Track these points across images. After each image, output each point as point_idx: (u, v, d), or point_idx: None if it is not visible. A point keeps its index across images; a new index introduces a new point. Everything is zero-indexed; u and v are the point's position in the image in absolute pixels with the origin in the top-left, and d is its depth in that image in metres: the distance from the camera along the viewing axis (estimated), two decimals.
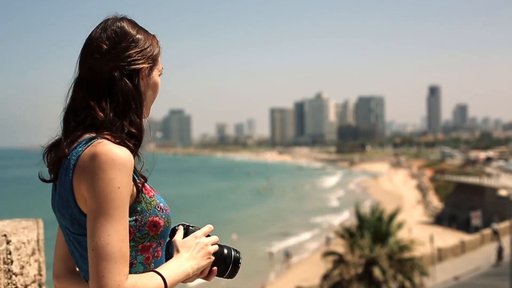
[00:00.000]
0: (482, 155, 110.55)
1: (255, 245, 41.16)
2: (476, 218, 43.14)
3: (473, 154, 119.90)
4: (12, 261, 2.20)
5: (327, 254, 22.60)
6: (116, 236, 1.22)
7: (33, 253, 2.38)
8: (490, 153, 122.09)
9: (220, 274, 1.50)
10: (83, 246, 1.31)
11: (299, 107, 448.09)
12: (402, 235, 25.58)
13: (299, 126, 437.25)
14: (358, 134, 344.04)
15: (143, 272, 1.36)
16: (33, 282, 2.37)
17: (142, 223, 1.34)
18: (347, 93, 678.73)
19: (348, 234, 22.29)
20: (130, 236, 1.31)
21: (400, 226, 22.95)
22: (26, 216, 2.59)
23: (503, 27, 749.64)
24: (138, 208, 1.34)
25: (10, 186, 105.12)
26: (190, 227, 1.50)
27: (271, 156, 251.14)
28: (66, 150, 1.34)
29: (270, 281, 32.97)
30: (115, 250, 1.21)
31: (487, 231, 37.61)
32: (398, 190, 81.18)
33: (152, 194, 1.39)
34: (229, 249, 1.51)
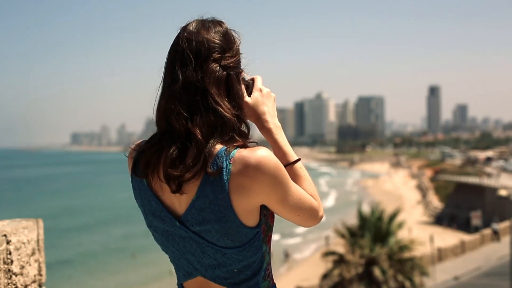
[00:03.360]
0: (482, 155, 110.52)
1: None
2: (476, 218, 43.14)
3: (473, 154, 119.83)
4: (12, 261, 2.20)
5: (327, 254, 22.58)
6: (303, 192, 1.44)
7: (33, 253, 2.37)
8: (490, 153, 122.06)
9: None
10: (229, 256, 1.37)
11: (299, 107, 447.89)
12: (402, 235, 25.58)
13: (299, 126, 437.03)
14: (358, 134, 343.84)
15: (269, 261, 1.46)
16: (33, 282, 2.37)
17: (267, 216, 1.42)
18: (347, 93, 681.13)
19: (349, 234, 22.29)
20: (263, 234, 1.41)
21: (400, 226, 22.95)
22: (26, 216, 2.58)
23: (503, 27, 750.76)
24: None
25: (10, 186, 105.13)
26: (247, 80, 1.56)
27: None
28: (210, 167, 1.31)
29: None
30: (307, 197, 1.44)
31: (487, 231, 37.60)
32: (398, 190, 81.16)
33: None
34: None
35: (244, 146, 1.36)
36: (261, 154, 1.32)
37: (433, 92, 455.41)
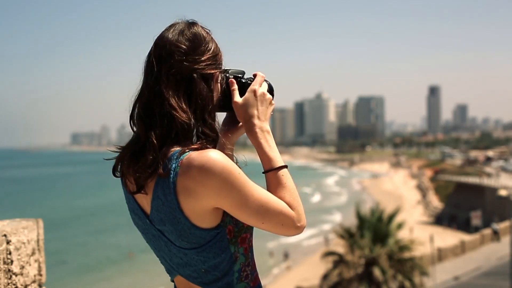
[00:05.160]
0: (482, 155, 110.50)
1: (254, 245, 40.99)
2: (476, 218, 43.16)
3: (473, 154, 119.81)
4: (12, 261, 2.20)
5: (327, 254, 22.58)
6: (269, 199, 1.37)
7: (33, 253, 2.37)
8: (490, 153, 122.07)
9: None
10: (189, 256, 1.38)
11: (299, 107, 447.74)
12: (403, 235, 25.56)
13: (299, 126, 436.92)
14: (358, 134, 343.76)
15: (245, 262, 1.44)
16: (33, 282, 2.37)
17: None
18: (347, 93, 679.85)
19: (348, 234, 22.27)
20: (230, 235, 1.39)
21: (400, 226, 22.94)
22: (26, 216, 2.59)
23: (503, 27, 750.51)
24: None
25: (10, 186, 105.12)
26: (243, 80, 1.54)
27: None
28: (161, 169, 1.33)
29: (270, 281, 32.94)
30: (275, 205, 1.37)
31: (487, 231, 37.63)
32: (398, 190, 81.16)
33: None
34: (266, 80, 1.58)
35: (201, 148, 1.34)
36: (207, 155, 1.31)
37: (433, 92, 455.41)
